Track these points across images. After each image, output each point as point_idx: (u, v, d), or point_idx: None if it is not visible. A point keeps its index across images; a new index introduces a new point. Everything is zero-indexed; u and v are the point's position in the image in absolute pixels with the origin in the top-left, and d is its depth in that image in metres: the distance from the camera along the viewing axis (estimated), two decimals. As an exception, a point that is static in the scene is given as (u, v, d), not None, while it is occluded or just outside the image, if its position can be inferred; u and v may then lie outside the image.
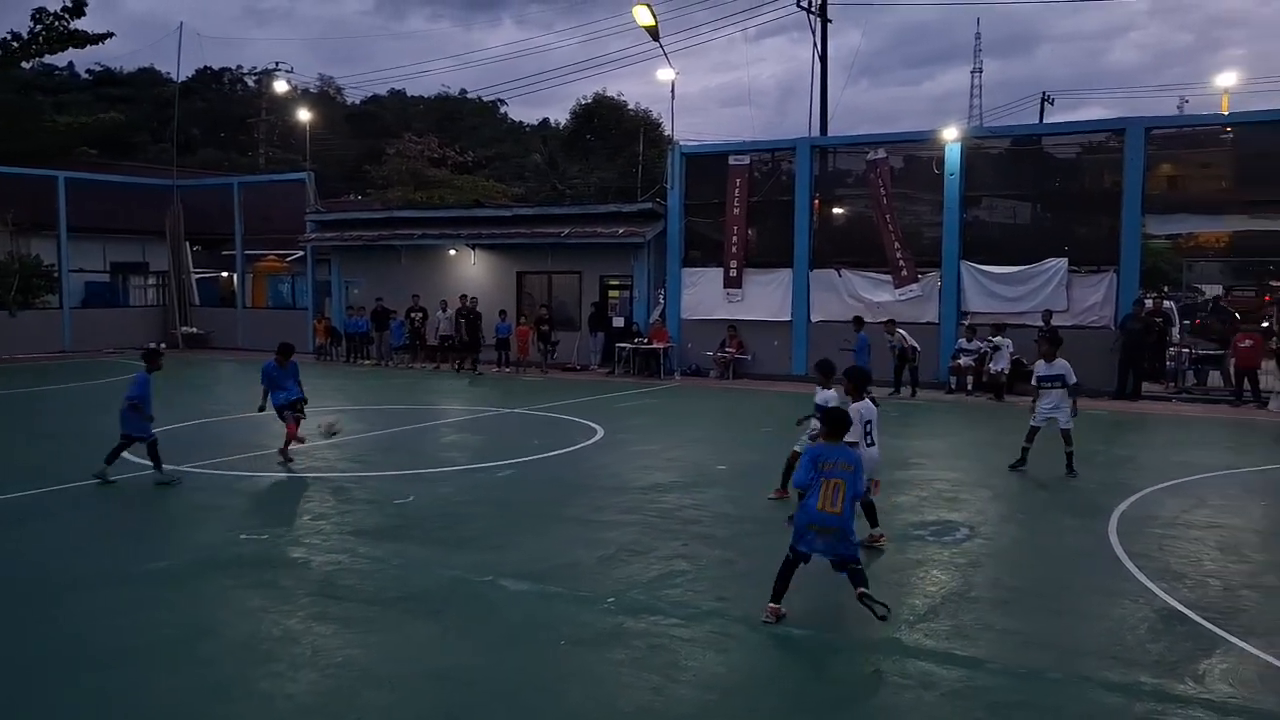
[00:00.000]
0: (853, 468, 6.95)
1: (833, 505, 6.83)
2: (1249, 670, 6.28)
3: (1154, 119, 22.03)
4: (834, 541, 6.89)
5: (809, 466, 7.03)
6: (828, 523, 6.86)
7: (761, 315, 24.39)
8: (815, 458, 7.06)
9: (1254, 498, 11.63)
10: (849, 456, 7.11)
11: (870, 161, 23.34)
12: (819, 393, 10.16)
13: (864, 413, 8.91)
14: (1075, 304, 21.36)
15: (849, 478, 6.88)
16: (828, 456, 7.01)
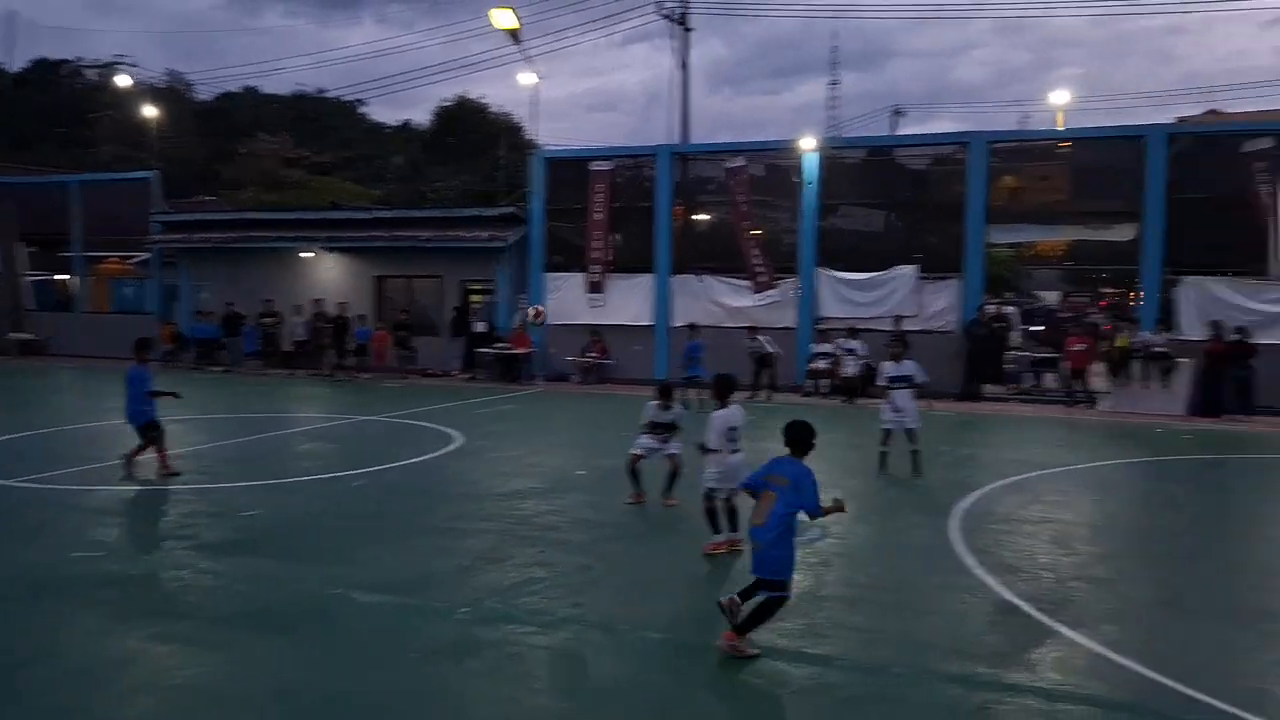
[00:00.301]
0: (788, 481, 6.62)
1: (760, 517, 6.68)
2: (1077, 659, 6.63)
3: (995, 133, 23.12)
4: (759, 557, 6.70)
5: (760, 473, 6.92)
6: (754, 535, 6.75)
7: (624, 320, 24.54)
8: (764, 468, 6.90)
9: (1084, 493, 12.31)
10: (785, 469, 6.80)
11: (730, 169, 23.77)
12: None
13: (728, 419, 8.99)
14: (924, 309, 22.23)
15: (781, 491, 6.60)
16: (774, 468, 6.85)
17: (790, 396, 21.56)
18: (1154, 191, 20.43)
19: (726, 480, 8.87)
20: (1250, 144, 20.08)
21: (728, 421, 8.95)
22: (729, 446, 8.89)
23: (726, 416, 9.00)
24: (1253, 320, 19.48)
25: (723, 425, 8.92)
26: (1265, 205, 19.64)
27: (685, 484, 10.69)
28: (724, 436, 8.89)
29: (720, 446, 8.86)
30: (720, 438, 8.88)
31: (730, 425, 8.94)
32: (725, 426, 8.92)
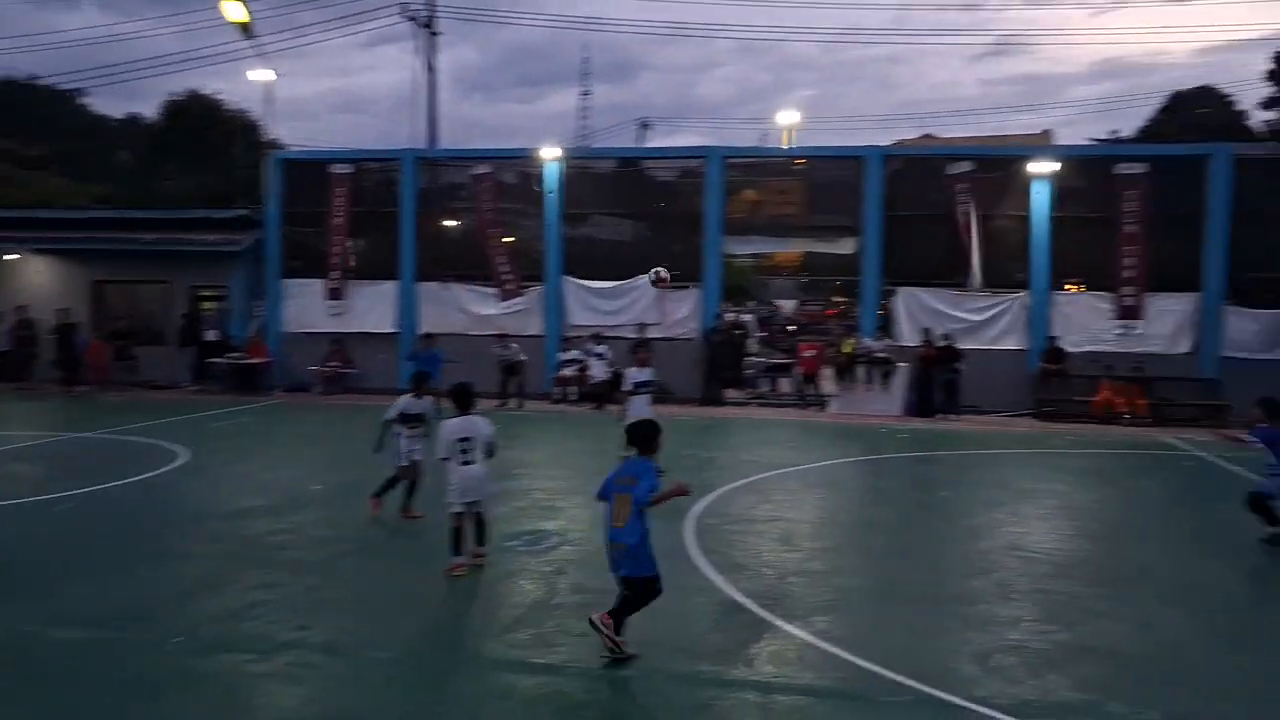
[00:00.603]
0: (635, 479, 6.71)
1: (617, 519, 6.71)
2: (791, 650, 6.99)
3: (730, 149, 24.15)
4: (620, 557, 6.74)
5: (609, 479, 6.92)
6: (612, 537, 6.76)
7: (367, 328, 23.83)
8: (612, 473, 6.95)
9: (810, 491, 13.04)
10: (635, 469, 6.85)
11: (476, 176, 23.61)
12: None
13: (458, 429, 8.74)
14: (666, 317, 22.90)
15: (632, 490, 6.66)
16: (622, 471, 6.89)
17: (539, 404, 21.63)
18: (872, 208, 22.01)
19: (463, 494, 8.73)
20: (953, 166, 21.97)
21: (457, 432, 8.70)
22: (460, 458, 8.69)
23: (456, 427, 8.76)
24: (957, 327, 21.35)
25: (451, 435, 8.69)
26: (965, 223, 21.55)
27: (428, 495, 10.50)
28: (455, 447, 8.71)
29: (451, 456, 8.70)
30: (449, 448, 8.70)
31: (461, 436, 8.67)
32: (455, 437, 8.68)
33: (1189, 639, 7.52)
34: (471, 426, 8.73)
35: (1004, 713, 5.97)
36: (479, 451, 8.69)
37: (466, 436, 8.67)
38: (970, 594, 8.43)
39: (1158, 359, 20.94)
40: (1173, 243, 21.31)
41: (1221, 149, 21.47)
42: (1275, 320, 20.89)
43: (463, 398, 8.99)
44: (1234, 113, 42.41)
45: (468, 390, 9.09)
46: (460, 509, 8.76)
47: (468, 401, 8.98)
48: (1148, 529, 11.63)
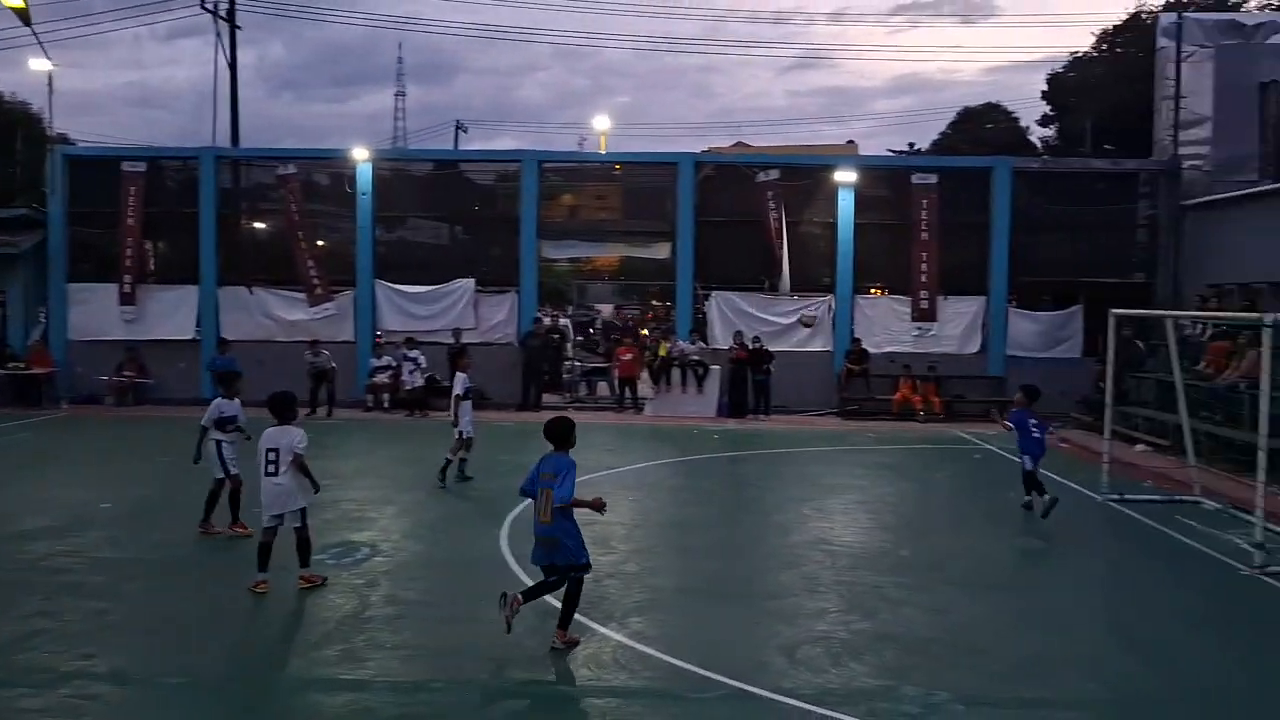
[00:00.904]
0: (556, 476, 6.91)
1: (544, 515, 6.91)
2: (605, 653, 7.03)
3: (545, 153, 24.14)
4: (550, 551, 6.90)
5: (532, 475, 7.10)
6: (540, 533, 6.95)
7: (164, 335, 22.49)
8: (535, 468, 7.14)
9: (626, 493, 13.11)
10: (554, 464, 7.06)
11: (281, 176, 22.70)
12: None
13: (264, 440, 8.39)
14: (483, 322, 22.67)
15: (554, 487, 6.87)
16: (543, 466, 7.08)
17: (352, 412, 20.97)
18: (685, 214, 22.44)
19: (268, 507, 8.36)
20: (763, 174, 22.67)
21: (265, 442, 8.35)
22: (265, 469, 8.32)
23: (266, 436, 8.40)
24: (767, 330, 22.03)
25: (261, 445, 8.34)
26: (775, 229, 22.28)
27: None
28: (262, 458, 8.33)
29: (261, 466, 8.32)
30: (260, 458, 8.33)
31: (269, 446, 8.32)
32: (264, 447, 8.33)
33: (979, 621, 7.99)
34: (280, 437, 8.35)
35: (808, 702, 6.17)
36: (283, 463, 8.30)
37: (273, 447, 8.31)
38: (779, 588, 8.70)
39: (950, 358, 22.22)
40: (963, 249, 22.67)
41: (1003, 162, 23.00)
42: (1053, 321, 22.53)
43: (280, 407, 8.59)
44: (1018, 129, 45.54)
45: (287, 399, 8.69)
46: (270, 523, 8.38)
47: (285, 411, 8.58)
48: (941, 519, 12.31)
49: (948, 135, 47.38)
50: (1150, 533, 11.15)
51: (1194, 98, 22.29)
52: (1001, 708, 6.25)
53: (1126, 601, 8.84)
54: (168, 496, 12.50)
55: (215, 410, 10.25)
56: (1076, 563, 10.21)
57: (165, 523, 10.98)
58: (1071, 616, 8.19)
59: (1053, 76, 42.60)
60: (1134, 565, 10.17)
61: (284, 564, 9.11)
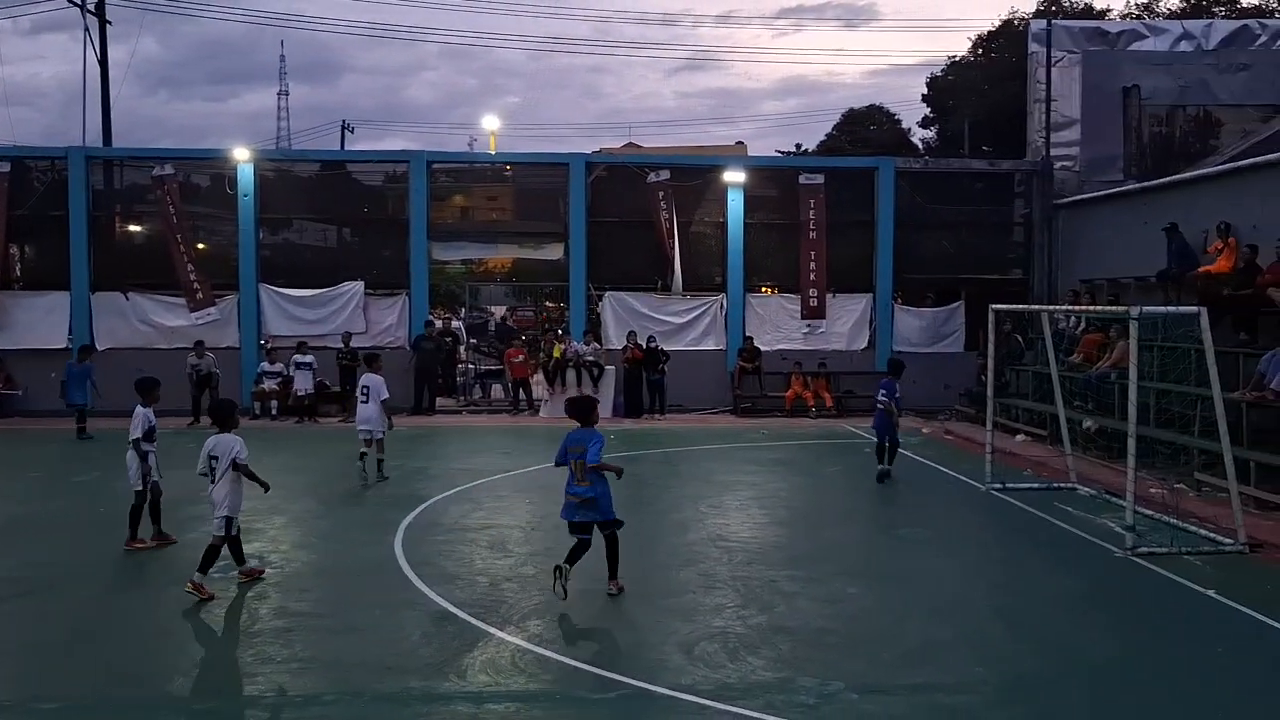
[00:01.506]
0: (584, 447, 8.10)
1: (580, 479, 8.11)
2: (504, 657, 6.95)
3: (434, 153, 23.84)
4: (586, 508, 8.13)
5: (562, 449, 8.25)
6: (578, 493, 8.15)
7: (33, 344, 21.43)
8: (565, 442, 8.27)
9: (522, 496, 13.04)
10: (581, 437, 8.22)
11: (156, 177, 21.87)
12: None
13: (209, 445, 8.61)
14: (373, 325, 22.26)
15: (584, 456, 8.08)
16: (570, 441, 8.23)
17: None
18: (577, 214, 22.41)
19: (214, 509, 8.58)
20: (654, 175, 22.79)
21: (209, 448, 8.59)
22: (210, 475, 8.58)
23: (210, 443, 8.61)
24: (661, 330, 22.16)
25: (205, 451, 8.61)
26: (665, 229, 22.42)
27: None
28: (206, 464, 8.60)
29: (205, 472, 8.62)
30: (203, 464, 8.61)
31: (212, 453, 8.57)
32: (206, 453, 8.60)
33: (871, 611, 8.17)
34: (222, 445, 8.58)
35: (707, 698, 6.22)
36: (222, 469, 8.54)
37: (216, 455, 8.57)
38: (676, 586, 8.74)
39: (840, 355, 22.70)
40: (850, 247, 23.20)
41: (886, 162, 23.61)
42: (936, 317, 23.24)
43: (222, 415, 8.94)
44: (900, 130, 46.86)
45: (229, 406, 9.18)
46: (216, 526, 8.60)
47: (227, 419, 8.87)
48: (833, 511, 12.56)
49: (833, 136, 48.47)
50: (1031, 519, 11.57)
51: (1063, 101, 23.26)
52: (894, 694, 6.39)
53: (1010, 586, 9.14)
54: (38, 513, 11.94)
55: (145, 420, 9.84)
56: (962, 551, 10.52)
57: (37, 541, 10.48)
58: (958, 603, 8.43)
59: (932, 79, 44.02)
60: (1016, 551, 10.54)
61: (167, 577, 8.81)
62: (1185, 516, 10.71)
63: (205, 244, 23.15)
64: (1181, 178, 18.82)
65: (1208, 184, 17.74)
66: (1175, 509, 10.82)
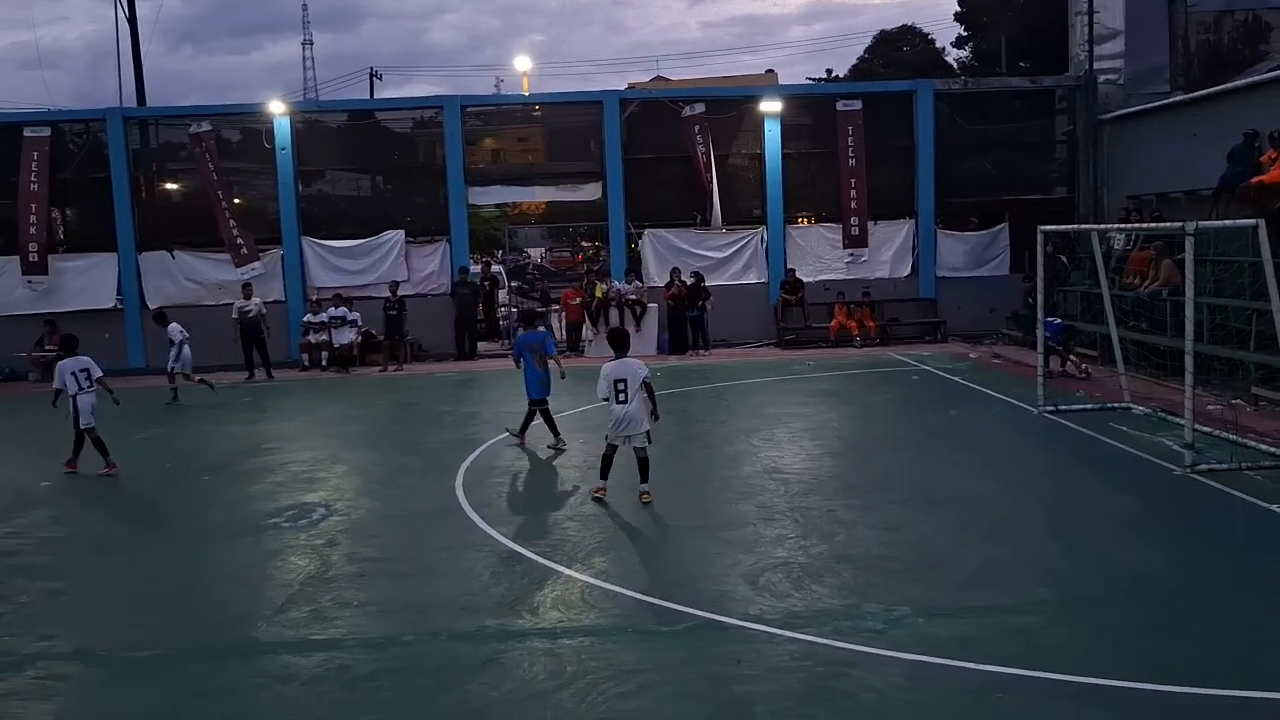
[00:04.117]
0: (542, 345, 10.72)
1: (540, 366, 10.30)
2: (573, 594, 7.12)
3: (468, 97, 23.65)
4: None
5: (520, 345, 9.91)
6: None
7: (83, 305, 21.77)
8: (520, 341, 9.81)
9: (574, 437, 13.06)
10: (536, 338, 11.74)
11: (194, 135, 21.97)
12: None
13: (613, 371, 9.26)
14: (415, 274, 22.36)
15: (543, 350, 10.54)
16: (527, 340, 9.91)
17: (288, 372, 20.58)
18: (612, 152, 22.26)
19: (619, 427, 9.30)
20: (688, 108, 22.54)
21: (614, 373, 9.21)
22: (616, 398, 9.21)
23: (613, 369, 9.25)
24: (703, 265, 22.10)
25: (609, 376, 9.20)
26: (703, 163, 22.22)
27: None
28: (613, 388, 9.18)
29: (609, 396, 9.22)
30: (608, 389, 9.21)
31: (618, 376, 9.22)
32: (612, 378, 9.19)
33: (930, 537, 8.24)
34: (627, 368, 9.27)
35: (775, 626, 6.34)
36: (632, 390, 9.23)
37: (622, 377, 9.20)
38: (736, 519, 8.85)
39: (883, 283, 22.54)
40: (889, 174, 22.87)
41: (924, 84, 23.14)
42: (980, 241, 22.95)
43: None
44: (934, 50, 45.80)
45: (624, 334, 10.05)
46: (619, 441, 9.36)
47: (624, 344, 9.70)
48: (885, 440, 12.58)
49: (866, 60, 47.50)
50: (1086, 440, 11.54)
51: (1106, 12, 22.57)
52: (959, 617, 6.48)
53: (1068, 507, 9.16)
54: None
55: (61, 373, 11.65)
56: (1017, 474, 10.54)
57: (107, 498, 10.80)
58: (1017, 525, 8.48)
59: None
60: (1072, 472, 10.53)
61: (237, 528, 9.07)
62: (1244, 432, 10.63)
63: (244, 199, 23.28)
64: (1231, 86, 18.27)
65: (1259, 92, 17.23)
66: (1234, 424, 10.74)
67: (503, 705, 5.45)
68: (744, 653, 6.00)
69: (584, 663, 5.92)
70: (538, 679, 5.73)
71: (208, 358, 20.80)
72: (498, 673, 5.86)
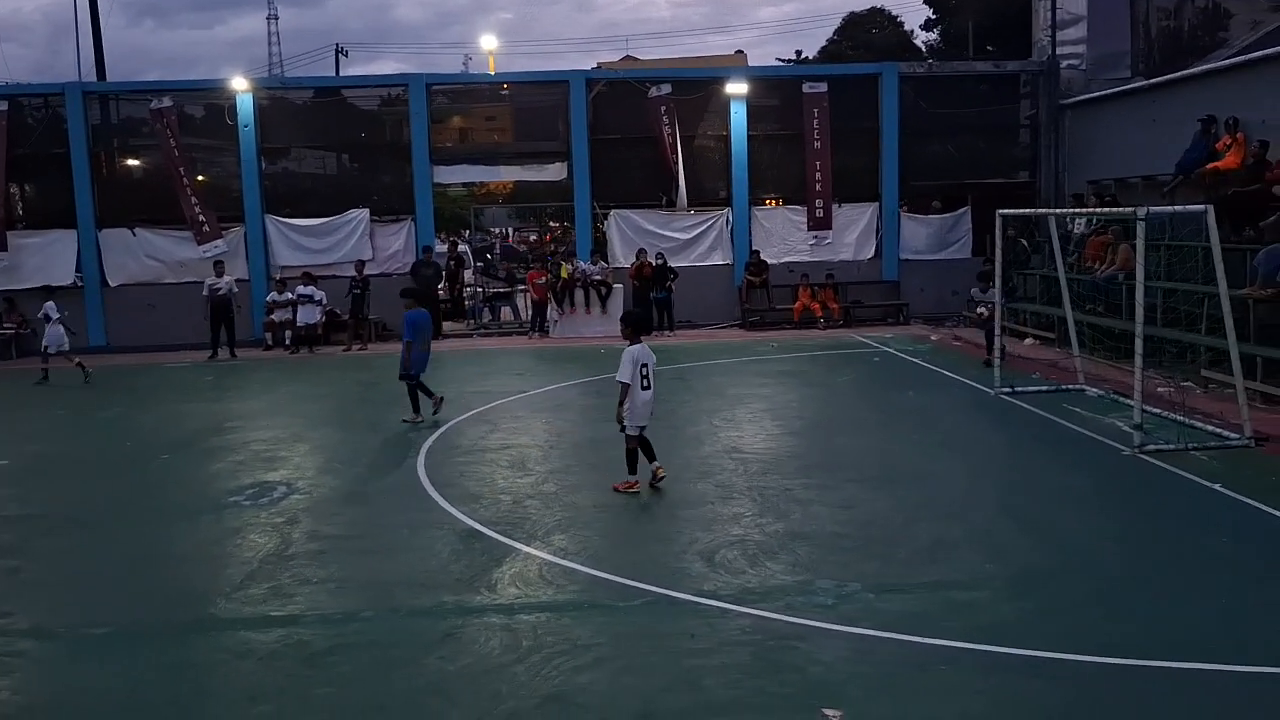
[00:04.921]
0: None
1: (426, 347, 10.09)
2: (531, 570, 7.21)
3: (433, 76, 23.56)
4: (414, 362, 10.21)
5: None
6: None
7: (43, 282, 21.44)
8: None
9: (538, 416, 13.27)
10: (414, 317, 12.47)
11: (154, 110, 21.72)
12: None
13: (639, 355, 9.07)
14: (380, 252, 22.29)
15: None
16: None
17: (252, 351, 20.48)
18: (578, 133, 22.24)
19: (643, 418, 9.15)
20: (655, 89, 22.54)
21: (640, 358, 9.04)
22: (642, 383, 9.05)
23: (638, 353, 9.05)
24: (668, 247, 22.16)
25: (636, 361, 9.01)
26: (669, 144, 22.26)
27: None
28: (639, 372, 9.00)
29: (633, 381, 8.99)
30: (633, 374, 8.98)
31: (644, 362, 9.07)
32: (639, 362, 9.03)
33: (884, 515, 8.39)
34: (650, 353, 9.22)
35: (729, 602, 6.47)
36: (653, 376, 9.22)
37: (646, 362, 9.11)
38: (695, 497, 8.97)
39: (847, 265, 22.73)
40: (854, 156, 23.01)
41: (890, 67, 23.27)
42: (943, 224, 23.18)
43: (643, 324, 9.72)
44: (902, 33, 45.99)
45: (648, 317, 9.66)
46: (635, 431, 9.14)
47: (648, 328, 9.65)
48: (844, 420, 12.75)
49: (835, 41, 47.64)
50: (1040, 421, 11.76)
51: (1069, -2, 22.82)
52: (909, 592, 6.63)
53: (1019, 486, 9.36)
54: (66, 450, 12.22)
55: None
56: (972, 453, 10.73)
57: (68, 476, 10.76)
58: (969, 503, 8.66)
59: (935, -21, 42.97)
60: (1026, 452, 10.75)
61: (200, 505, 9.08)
62: (1192, 413, 10.88)
63: (207, 176, 23.06)
64: (1190, 73, 18.56)
65: (1217, 78, 17.52)
66: (1182, 406, 10.98)
67: (459, 679, 5.53)
68: (697, 627, 6.12)
69: (540, 637, 6.01)
70: (494, 653, 5.82)
71: (168, 336, 20.75)
72: (454, 647, 5.95)
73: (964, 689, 5.31)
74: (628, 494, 9.05)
